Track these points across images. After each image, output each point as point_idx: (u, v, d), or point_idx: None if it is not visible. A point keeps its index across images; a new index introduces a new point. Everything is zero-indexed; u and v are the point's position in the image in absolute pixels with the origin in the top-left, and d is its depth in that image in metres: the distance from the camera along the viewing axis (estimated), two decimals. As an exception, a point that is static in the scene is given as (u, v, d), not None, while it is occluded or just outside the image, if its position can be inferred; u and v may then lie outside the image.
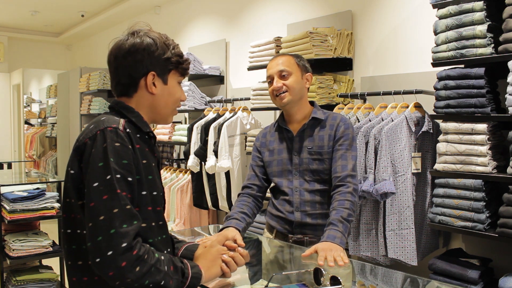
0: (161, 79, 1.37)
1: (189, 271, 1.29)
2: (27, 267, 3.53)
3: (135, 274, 1.15)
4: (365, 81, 3.17)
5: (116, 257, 1.13)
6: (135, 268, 1.15)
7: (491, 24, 2.20)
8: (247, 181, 2.17)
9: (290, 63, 2.06)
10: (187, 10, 5.26)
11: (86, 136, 1.25)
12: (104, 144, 1.21)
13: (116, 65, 1.36)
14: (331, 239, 1.78)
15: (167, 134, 4.54)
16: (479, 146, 2.25)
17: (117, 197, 1.17)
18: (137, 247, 1.17)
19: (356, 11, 3.28)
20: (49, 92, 8.00)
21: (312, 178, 2.03)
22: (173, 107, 1.43)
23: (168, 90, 1.39)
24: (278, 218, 2.10)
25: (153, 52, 1.34)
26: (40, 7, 6.55)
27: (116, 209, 1.16)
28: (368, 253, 2.68)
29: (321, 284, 1.46)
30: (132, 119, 1.34)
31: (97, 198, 1.16)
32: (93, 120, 1.32)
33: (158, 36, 1.37)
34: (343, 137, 2.02)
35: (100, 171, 1.18)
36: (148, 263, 1.18)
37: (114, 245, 1.13)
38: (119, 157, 1.20)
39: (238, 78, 4.41)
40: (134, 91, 1.37)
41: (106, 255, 1.13)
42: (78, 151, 1.25)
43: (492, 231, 2.25)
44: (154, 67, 1.35)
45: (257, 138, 2.24)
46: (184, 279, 1.27)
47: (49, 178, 4.47)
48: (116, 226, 1.14)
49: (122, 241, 1.14)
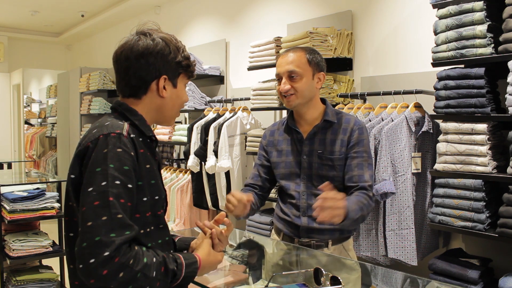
0: (171, 83, 1.37)
1: (183, 272, 1.26)
2: (27, 267, 3.53)
3: (118, 281, 1.12)
4: (365, 81, 3.17)
5: (97, 265, 1.10)
6: (118, 275, 1.12)
7: (491, 24, 2.20)
8: (249, 180, 2.13)
9: (301, 63, 1.92)
10: (187, 10, 5.26)
11: (88, 140, 1.24)
12: (105, 149, 1.19)
13: (127, 66, 1.33)
14: (347, 200, 1.74)
15: (167, 134, 4.54)
16: (479, 146, 2.25)
17: (108, 205, 1.14)
18: (121, 254, 1.12)
19: (356, 11, 3.27)
20: (49, 92, 8.00)
21: (321, 184, 1.91)
22: (178, 109, 1.44)
23: (176, 93, 1.39)
24: (285, 222, 2.04)
25: (167, 55, 1.33)
26: (40, 7, 6.55)
27: (104, 217, 1.13)
28: (368, 253, 2.68)
29: (321, 284, 1.46)
30: (135, 122, 1.32)
31: (88, 203, 1.15)
32: (96, 124, 1.30)
33: (170, 39, 1.36)
34: (359, 144, 1.93)
35: (96, 176, 1.16)
36: (133, 270, 1.14)
37: (96, 253, 1.10)
38: (121, 163, 1.19)
39: (238, 78, 4.41)
40: (143, 93, 1.35)
41: (88, 263, 1.10)
42: (79, 156, 1.24)
43: (492, 231, 2.25)
44: (166, 71, 1.34)
45: (264, 136, 2.15)
46: (174, 280, 1.24)
47: (49, 178, 4.47)
48: (102, 234, 1.11)
49: (105, 250, 1.10)
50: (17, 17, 7.21)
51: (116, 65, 1.36)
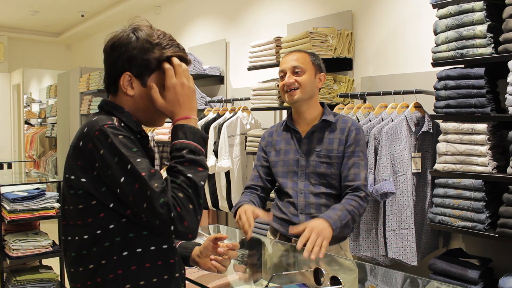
0: (139, 81, 1.25)
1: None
2: (27, 267, 3.53)
3: (190, 197, 1.13)
4: (365, 81, 3.17)
5: (163, 204, 1.10)
6: (186, 196, 1.13)
7: (491, 24, 2.20)
8: (250, 182, 2.14)
9: (305, 61, 2.01)
10: (187, 10, 5.26)
11: (84, 141, 1.18)
12: (109, 139, 1.15)
13: (104, 60, 1.29)
14: (326, 217, 1.77)
15: (167, 134, 4.53)
16: (479, 146, 2.25)
17: (145, 180, 1.12)
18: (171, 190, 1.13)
19: (356, 11, 3.27)
20: (49, 92, 8.00)
21: (318, 182, 1.99)
22: (155, 113, 1.29)
23: (147, 93, 1.25)
24: (282, 221, 2.06)
25: (131, 50, 1.23)
26: (40, 7, 6.55)
27: (148, 191, 1.12)
28: (368, 253, 2.68)
29: (321, 284, 1.46)
30: (123, 119, 1.27)
31: (130, 191, 1.13)
32: (84, 124, 1.24)
33: (147, 34, 1.25)
34: (355, 144, 1.98)
35: (118, 166, 1.14)
36: (187, 190, 1.14)
37: (168, 210, 1.10)
38: (128, 148, 1.16)
39: (238, 78, 4.41)
40: (115, 91, 1.29)
41: (158, 211, 1.10)
42: (77, 157, 1.19)
43: (492, 231, 2.25)
44: (130, 66, 1.24)
45: (263, 138, 2.19)
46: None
47: (49, 178, 4.47)
48: (159, 199, 1.10)
49: (167, 199, 1.11)
50: (17, 17, 7.21)
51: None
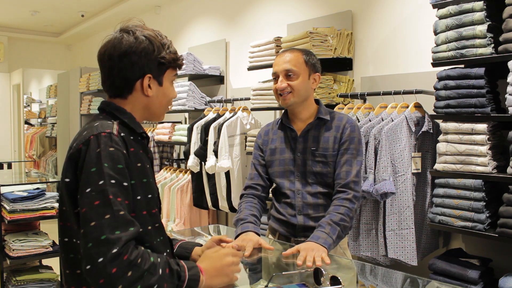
0: (156, 81, 1.34)
1: (186, 273, 1.23)
2: (27, 267, 3.53)
3: (127, 280, 1.10)
4: (365, 81, 3.17)
5: (106, 264, 1.08)
6: (126, 274, 1.10)
7: (491, 24, 2.20)
8: (250, 181, 2.11)
9: (298, 62, 1.95)
10: (187, 10, 5.26)
11: (79, 142, 1.22)
12: (98, 149, 1.18)
13: (110, 66, 1.31)
14: (314, 239, 1.76)
15: (167, 134, 4.54)
16: (479, 146, 2.25)
17: (109, 203, 1.13)
18: (129, 252, 1.12)
19: (356, 11, 3.27)
20: (49, 92, 8.00)
21: (315, 181, 1.97)
22: (166, 106, 1.42)
23: (162, 91, 1.37)
24: (281, 222, 2.05)
25: (150, 54, 1.30)
26: (40, 7, 6.55)
27: (107, 215, 1.12)
28: (368, 253, 2.68)
29: (321, 284, 1.46)
30: (125, 121, 1.31)
31: (89, 204, 1.13)
32: (86, 126, 1.28)
33: (154, 36, 1.33)
34: (349, 141, 1.95)
35: (93, 176, 1.15)
36: (141, 268, 1.13)
37: (104, 252, 1.08)
38: (114, 162, 1.18)
39: (238, 78, 4.41)
40: (129, 93, 1.34)
41: (96, 262, 1.08)
42: (72, 159, 1.23)
43: (492, 231, 2.25)
44: (150, 69, 1.32)
45: (258, 136, 2.16)
46: (180, 283, 1.21)
47: (49, 178, 4.47)
48: (107, 232, 1.10)
49: (113, 247, 1.09)
50: (17, 17, 7.21)
51: (100, 64, 1.34)
